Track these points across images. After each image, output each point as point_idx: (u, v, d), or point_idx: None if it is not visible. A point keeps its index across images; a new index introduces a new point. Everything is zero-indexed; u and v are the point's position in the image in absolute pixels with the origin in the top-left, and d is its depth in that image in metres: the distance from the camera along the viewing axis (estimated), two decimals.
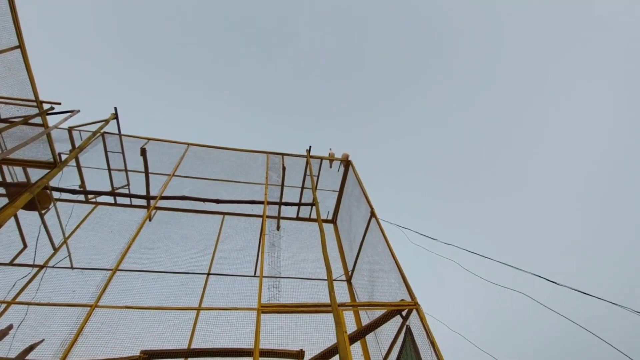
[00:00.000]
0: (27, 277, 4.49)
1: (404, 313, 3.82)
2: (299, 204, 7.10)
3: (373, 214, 5.26)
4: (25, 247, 4.82)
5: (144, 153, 5.83)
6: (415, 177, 32.90)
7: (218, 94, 32.53)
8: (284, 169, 6.50)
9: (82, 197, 6.09)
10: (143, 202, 6.44)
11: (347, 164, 7.02)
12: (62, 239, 5.13)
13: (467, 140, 32.84)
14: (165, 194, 6.01)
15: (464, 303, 25.60)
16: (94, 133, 5.65)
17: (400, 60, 33.52)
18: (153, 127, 29.04)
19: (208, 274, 5.30)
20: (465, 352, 4.83)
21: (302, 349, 3.92)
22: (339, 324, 3.22)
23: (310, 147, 7.04)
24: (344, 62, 34.10)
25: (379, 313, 4.05)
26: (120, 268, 4.59)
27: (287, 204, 6.87)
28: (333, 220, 7.46)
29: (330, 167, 7.22)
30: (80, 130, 5.76)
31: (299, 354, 3.87)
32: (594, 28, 27.99)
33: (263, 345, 3.63)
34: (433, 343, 3.26)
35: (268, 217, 6.64)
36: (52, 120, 4.93)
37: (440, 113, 33.33)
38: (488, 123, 32.32)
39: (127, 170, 6.54)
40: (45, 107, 4.83)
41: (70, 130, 5.56)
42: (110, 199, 6.38)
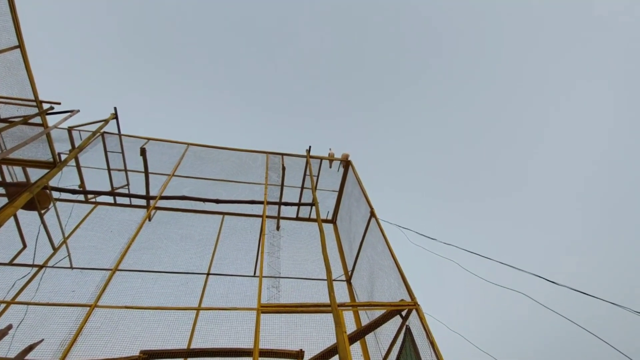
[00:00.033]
0: (26, 277, 4.49)
1: (404, 313, 3.82)
2: (299, 204, 7.10)
3: (373, 214, 5.25)
4: (25, 247, 4.82)
5: (144, 153, 5.83)
6: (415, 177, 32.92)
7: (218, 94, 32.53)
8: (284, 169, 6.50)
9: (81, 197, 6.09)
10: (143, 202, 6.44)
11: (346, 164, 7.01)
12: (61, 239, 5.13)
13: (467, 140, 32.84)
14: (165, 194, 6.01)
15: (464, 303, 25.61)
16: (94, 133, 5.65)
17: (400, 60, 33.53)
18: (153, 127, 29.03)
19: (208, 274, 5.29)
20: (465, 352, 4.82)
21: (301, 349, 3.92)
22: (339, 324, 3.22)
23: (310, 147, 7.04)
24: (344, 62, 34.11)
25: (379, 313, 4.05)
26: (120, 268, 4.59)
27: (286, 204, 6.87)
28: (333, 220, 7.46)
29: (330, 167, 7.22)
30: (80, 130, 5.76)
31: (299, 354, 3.87)
32: (594, 28, 28.01)
33: (263, 345, 3.63)
34: (433, 343, 3.26)
35: (268, 217, 6.64)
36: (51, 120, 4.94)
37: (440, 113, 33.34)
38: (488, 123, 32.33)
39: (126, 170, 6.54)
40: (45, 106, 4.83)
41: (70, 130, 5.55)
42: (110, 199, 6.38)
